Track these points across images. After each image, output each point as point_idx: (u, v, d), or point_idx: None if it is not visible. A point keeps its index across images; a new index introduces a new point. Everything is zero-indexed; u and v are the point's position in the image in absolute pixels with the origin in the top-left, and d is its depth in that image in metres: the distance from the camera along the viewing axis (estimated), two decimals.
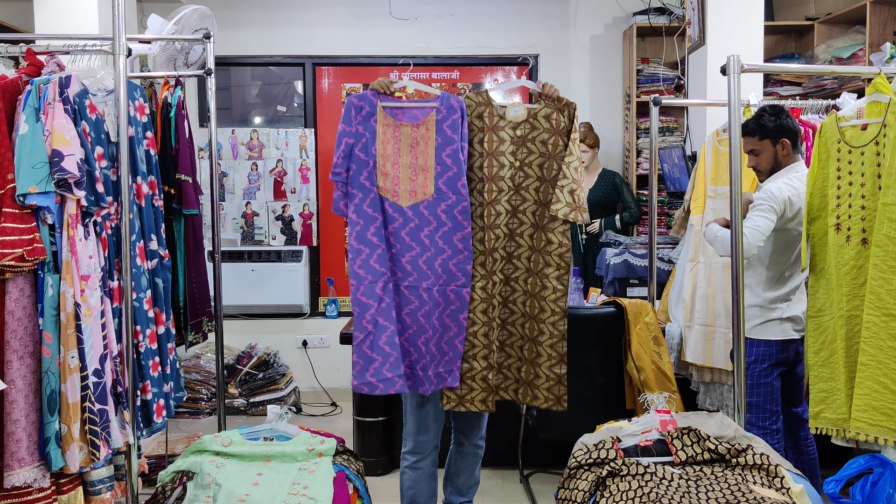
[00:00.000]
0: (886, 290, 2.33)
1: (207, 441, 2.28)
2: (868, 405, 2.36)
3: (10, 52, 2.48)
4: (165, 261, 2.67)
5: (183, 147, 2.99)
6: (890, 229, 2.33)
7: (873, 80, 2.46)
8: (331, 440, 2.38)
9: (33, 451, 2.20)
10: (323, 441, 2.35)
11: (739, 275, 2.58)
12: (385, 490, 3.56)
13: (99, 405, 2.26)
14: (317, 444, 2.32)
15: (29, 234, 2.15)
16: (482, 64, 5.46)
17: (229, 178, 5.35)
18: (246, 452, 2.25)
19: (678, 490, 2.02)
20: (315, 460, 2.27)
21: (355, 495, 2.34)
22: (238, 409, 4.82)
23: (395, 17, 5.30)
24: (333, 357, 5.16)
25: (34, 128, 2.19)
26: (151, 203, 2.61)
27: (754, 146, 2.95)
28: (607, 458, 2.17)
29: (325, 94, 5.44)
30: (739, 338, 2.57)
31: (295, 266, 5.18)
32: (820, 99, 3.57)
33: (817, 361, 2.58)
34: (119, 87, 2.37)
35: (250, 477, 2.17)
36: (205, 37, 3.11)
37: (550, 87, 2.63)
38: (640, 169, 5.07)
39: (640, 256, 4.15)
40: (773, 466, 2.09)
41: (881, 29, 4.16)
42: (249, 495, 2.07)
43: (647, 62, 5.11)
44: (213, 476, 2.13)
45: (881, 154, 2.40)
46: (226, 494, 2.06)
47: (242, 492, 2.08)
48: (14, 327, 2.18)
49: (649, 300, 3.56)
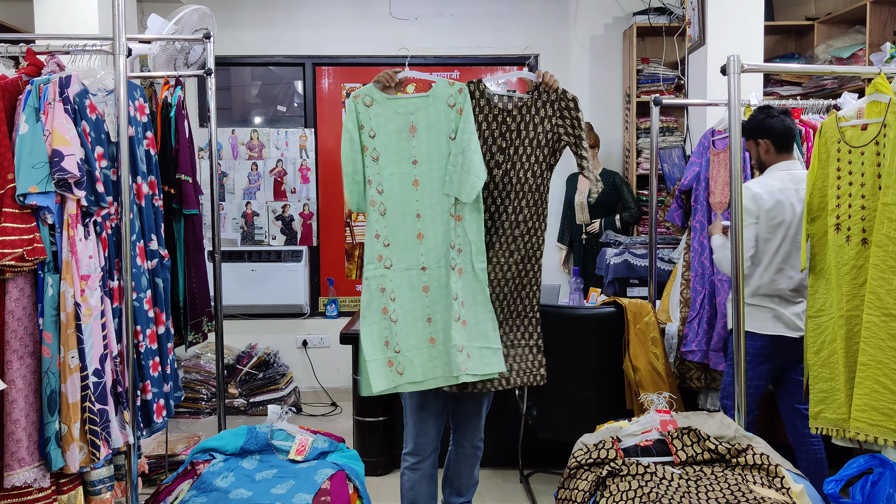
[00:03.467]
0: (886, 290, 2.33)
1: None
2: (868, 405, 2.36)
3: (10, 52, 2.48)
4: (165, 261, 2.67)
5: (183, 147, 2.99)
6: (890, 229, 2.33)
7: (873, 80, 2.46)
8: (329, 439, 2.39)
9: (33, 451, 2.19)
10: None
11: (740, 275, 2.59)
12: (385, 490, 3.56)
13: (99, 405, 2.26)
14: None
15: (29, 234, 2.15)
16: (482, 64, 5.46)
17: (229, 178, 5.35)
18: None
19: (678, 490, 2.02)
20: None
21: (355, 495, 2.35)
22: (238, 409, 4.82)
23: (394, 17, 5.30)
24: (333, 357, 5.16)
25: (34, 128, 2.19)
26: (151, 203, 2.61)
27: (746, 146, 3.04)
28: (607, 458, 2.17)
29: (325, 94, 5.44)
30: (739, 338, 2.57)
31: (295, 266, 5.18)
32: (820, 99, 3.57)
33: (817, 361, 2.58)
34: (119, 87, 2.37)
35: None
36: (205, 37, 3.11)
37: (550, 76, 2.59)
38: (640, 169, 5.07)
39: (640, 256, 4.15)
40: (773, 466, 2.09)
41: (881, 29, 4.16)
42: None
43: (647, 62, 5.11)
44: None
45: (881, 154, 2.40)
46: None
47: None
48: (14, 327, 2.18)
49: (649, 300, 3.57)
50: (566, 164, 5.31)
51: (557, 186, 5.30)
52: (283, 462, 2.46)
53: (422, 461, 2.75)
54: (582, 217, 4.93)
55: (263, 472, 2.40)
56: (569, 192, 5.09)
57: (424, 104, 2.56)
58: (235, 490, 2.29)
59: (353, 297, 5.47)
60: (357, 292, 5.48)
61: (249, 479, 2.36)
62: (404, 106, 2.56)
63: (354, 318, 3.29)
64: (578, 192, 4.98)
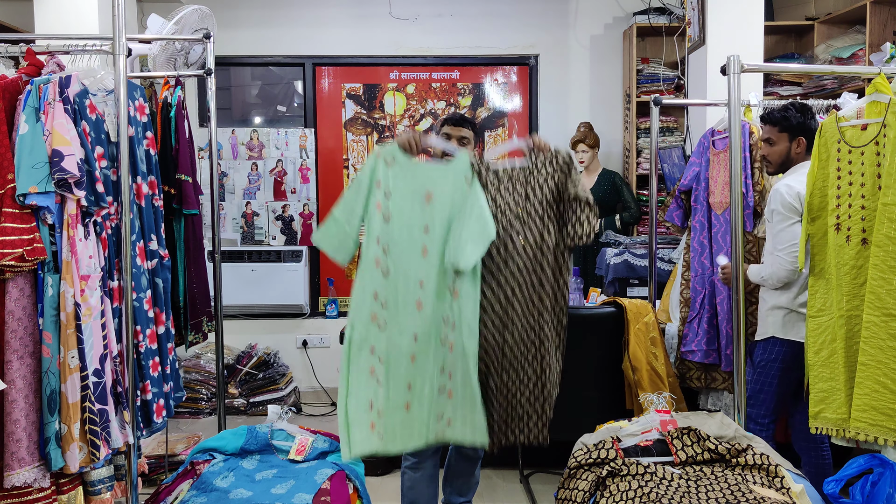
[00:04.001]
0: (886, 290, 2.33)
1: None
2: (868, 405, 2.36)
3: (10, 52, 2.48)
4: (165, 261, 2.67)
5: (183, 147, 2.99)
6: (890, 229, 2.33)
7: (873, 80, 2.46)
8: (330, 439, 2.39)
9: (33, 451, 2.19)
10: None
11: (740, 275, 2.59)
12: (385, 490, 3.56)
13: (99, 405, 2.26)
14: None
15: (29, 234, 2.15)
16: (482, 64, 5.46)
17: (229, 178, 5.35)
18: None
19: (678, 490, 2.02)
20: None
21: (355, 495, 2.35)
22: (238, 409, 4.82)
23: (394, 17, 5.30)
24: (333, 357, 5.15)
25: (34, 128, 2.19)
26: (151, 203, 2.61)
27: (772, 136, 2.96)
28: (607, 458, 2.17)
29: (325, 94, 5.44)
30: (740, 338, 2.57)
31: (295, 266, 5.18)
32: (820, 99, 3.57)
33: (817, 361, 2.58)
34: (119, 87, 2.37)
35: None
36: (205, 37, 3.11)
37: (540, 140, 2.65)
38: (640, 169, 5.07)
39: (640, 256, 4.15)
40: (773, 466, 2.09)
41: (881, 29, 4.16)
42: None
43: (647, 62, 5.11)
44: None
45: (881, 154, 2.40)
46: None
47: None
48: (14, 327, 2.18)
49: (649, 300, 3.57)
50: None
51: None
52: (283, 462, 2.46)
53: (422, 461, 2.75)
54: None
55: (263, 472, 2.40)
56: None
57: (443, 174, 2.56)
58: (235, 490, 2.29)
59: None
60: None
61: (249, 479, 2.36)
62: (424, 172, 2.57)
63: None
64: None
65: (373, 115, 5.44)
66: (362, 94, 5.44)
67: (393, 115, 5.45)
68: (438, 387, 2.48)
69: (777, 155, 2.97)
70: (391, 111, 5.45)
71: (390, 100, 5.45)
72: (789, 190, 2.80)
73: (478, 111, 5.45)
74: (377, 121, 5.44)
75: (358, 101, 5.44)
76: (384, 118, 5.44)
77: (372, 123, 5.45)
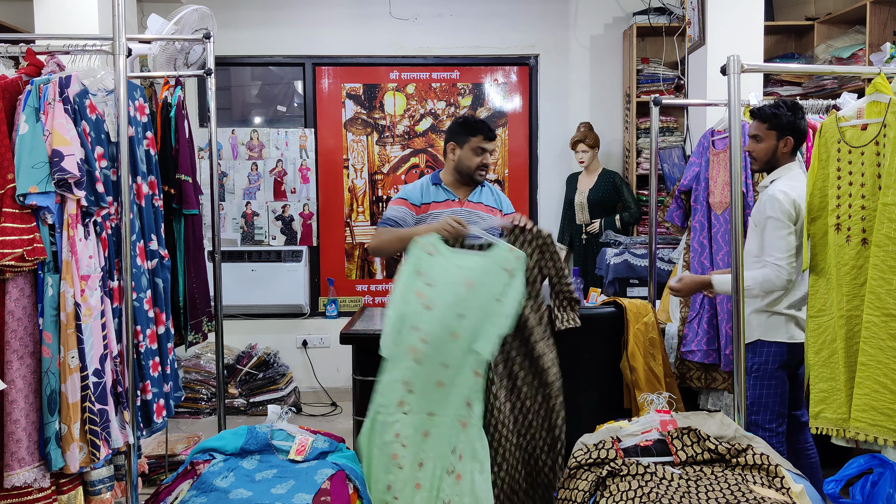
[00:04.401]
0: (886, 290, 2.33)
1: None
2: (868, 405, 2.36)
3: (10, 52, 2.48)
4: (165, 261, 2.67)
5: (183, 147, 2.99)
6: (890, 229, 2.33)
7: (873, 80, 2.45)
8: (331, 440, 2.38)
9: (33, 451, 2.19)
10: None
11: (739, 275, 2.58)
12: None
13: (99, 405, 2.26)
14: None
15: (29, 234, 2.15)
16: (482, 64, 5.46)
17: (229, 178, 5.35)
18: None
19: (678, 490, 2.02)
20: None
21: (355, 495, 2.35)
22: (238, 409, 4.82)
23: (394, 17, 5.30)
24: (333, 357, 5.16)
25: (34, 128, 2.19)
26: (151, 203, 2.61)
27: (760, 132, 2.92)
28: (607, 458, 2.17)
29: (325, 94, 5.44)
30: (739, 338, 2.57)
31: (295, 266, 5.18)
32: (820, 99, 3.57)
33: (817, 361, 2.58)
34: (119, 87, 2.37)
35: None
36: (205, 37, 3.11)
37: (520, 216, 2.74)
38: (640, 169, 5.07)
39: (640, 256, 4.15)
40: (773, 466, 2.09)
41: (881, 29, 4.16)
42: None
43: (647, 62, 5.11)
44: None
45: (881, 154, 2.40)
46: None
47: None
48: (14, 327, 2.18)
49: (649, 300, 3.56)
50: (566, 163, 5.32)
51: (558, 186, 5.31)
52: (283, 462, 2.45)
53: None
54: (582, 217, 4.94)
55: (263, 472, 2.40)
56: (569, 192, 5.09)
57: (482, 263, 2.62)
58: (235, 490, 2.29)
59: (353, 297, 5.47)
60: (357, 292, 5.48)
61: (249, 479, 2.36)
62: (464, 260, 2.63)
63: (355, 318, 3.29)
64: (578, 192, 4.98)
65: (373, 115, 5.44)
66: (362, 94, 5.44)
67: (393, 115, 5.45)
68: (448, 468, 2.53)
69: (763, 152, 2.93)
70: (391, 111, 5.45)
71: (390, 100, 5.45)
72: (786, 197, 2.79)
73: (478, 111, 5.45)
74: (377, 121, 5.44)
75: (358, 101, 5.44)
76: (384, 118, 5.45)
77: (372, 123, 5.45)
